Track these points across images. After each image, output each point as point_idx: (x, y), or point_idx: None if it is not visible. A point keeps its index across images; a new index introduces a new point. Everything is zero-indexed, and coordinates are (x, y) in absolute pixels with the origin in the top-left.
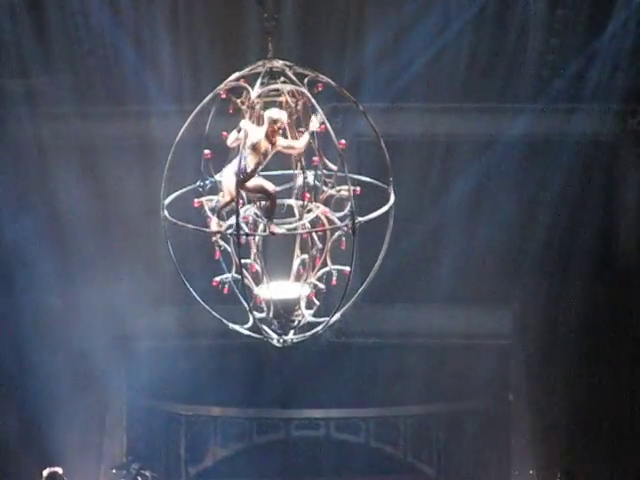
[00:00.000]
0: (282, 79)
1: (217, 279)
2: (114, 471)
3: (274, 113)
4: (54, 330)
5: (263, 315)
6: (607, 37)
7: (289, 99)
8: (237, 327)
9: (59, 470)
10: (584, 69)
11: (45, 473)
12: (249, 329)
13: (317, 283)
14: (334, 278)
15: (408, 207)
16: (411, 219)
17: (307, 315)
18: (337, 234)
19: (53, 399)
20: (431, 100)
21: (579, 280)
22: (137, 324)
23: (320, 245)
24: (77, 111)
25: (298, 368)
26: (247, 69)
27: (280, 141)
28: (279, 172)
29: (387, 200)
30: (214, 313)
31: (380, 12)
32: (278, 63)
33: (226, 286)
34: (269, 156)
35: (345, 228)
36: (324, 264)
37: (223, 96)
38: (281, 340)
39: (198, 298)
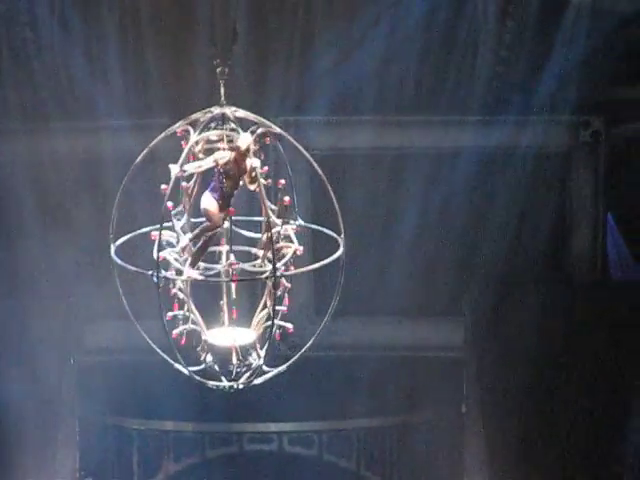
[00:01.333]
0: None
1: (176, 331)
2: None
3: (239, 139)
4: (3, 346)
5: (211, 363)
6: (558, 49)
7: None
8: (183, 369)
9: None
10: (535, 81)
11: None
12: (196, 372)
13: (282, 324)
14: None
15: (358, 219)
16: (361, 232)
17: (261, 360)
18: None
19: (3, 416)
20: (383, 113)
21: (531, 291)
22: (88, 339)
23: (289, 285)
24: (26, 127)
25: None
26: (199, 114)
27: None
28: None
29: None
30: (159, 351)
31: (330, 25)
32: (228, 109)
33: (183, 337)
34: (240, 181)
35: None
36: (267, 314)
37: (183, 144)
38: (229, 386)
39: (145, 336)
